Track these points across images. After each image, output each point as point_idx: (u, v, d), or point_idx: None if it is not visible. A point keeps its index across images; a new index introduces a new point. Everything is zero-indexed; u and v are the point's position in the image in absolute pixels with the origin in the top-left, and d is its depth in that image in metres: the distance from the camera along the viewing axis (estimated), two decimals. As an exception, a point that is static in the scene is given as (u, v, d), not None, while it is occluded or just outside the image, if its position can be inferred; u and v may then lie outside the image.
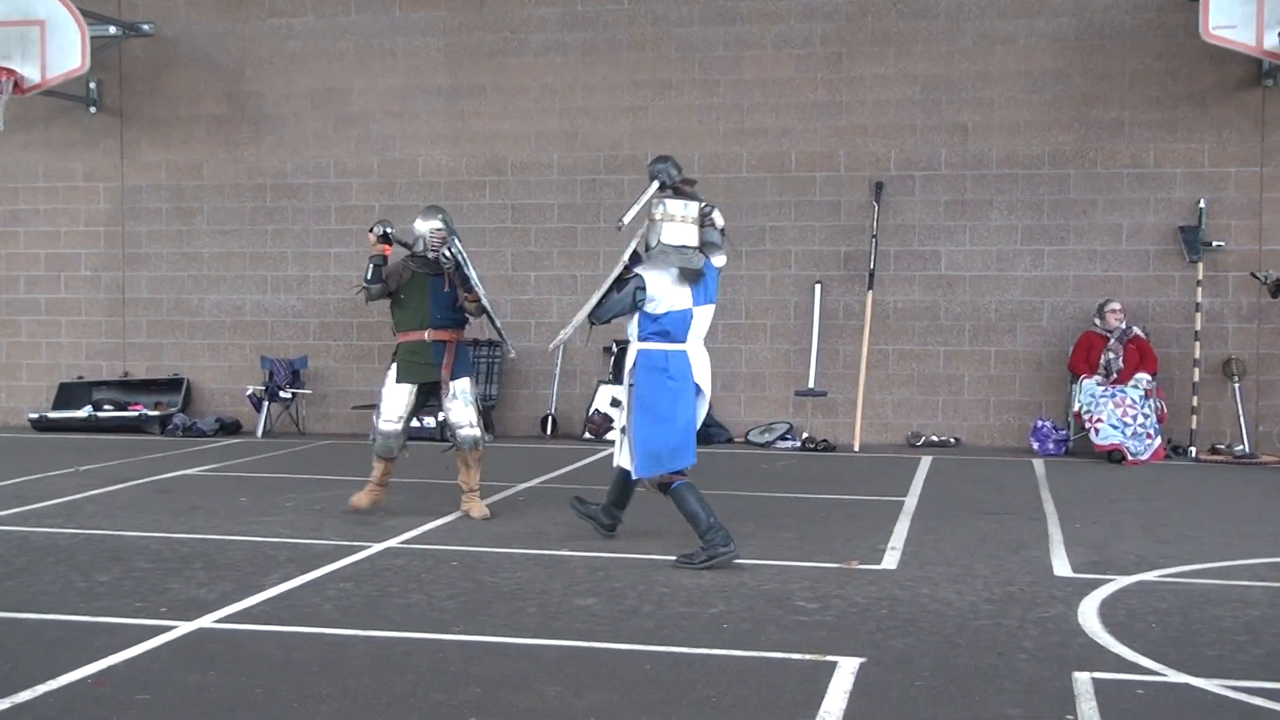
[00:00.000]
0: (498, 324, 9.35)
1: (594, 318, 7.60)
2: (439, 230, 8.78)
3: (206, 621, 6.02)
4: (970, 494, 10.13)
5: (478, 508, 8.90)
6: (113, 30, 14.38)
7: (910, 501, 9.67)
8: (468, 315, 8.97)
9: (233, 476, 10.90)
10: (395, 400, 8.85)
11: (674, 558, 7.35)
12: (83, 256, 15.04)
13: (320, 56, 14.49)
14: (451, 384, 8.79)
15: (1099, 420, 12.00)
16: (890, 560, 7.48)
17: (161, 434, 14.09)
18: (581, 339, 8.80)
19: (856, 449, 13.03)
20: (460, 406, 8.83)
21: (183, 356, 14.86)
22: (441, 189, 14.22)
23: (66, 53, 13.34)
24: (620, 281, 7.50)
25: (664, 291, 7.41)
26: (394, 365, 8.94)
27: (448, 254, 8.66)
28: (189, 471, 11.17)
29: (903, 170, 13.44)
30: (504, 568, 7.22)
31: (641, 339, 7.48)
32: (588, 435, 13.57)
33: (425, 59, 14.29)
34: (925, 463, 11.97)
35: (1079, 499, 9.85)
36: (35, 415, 14.53)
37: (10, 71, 13.32)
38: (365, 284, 8.91)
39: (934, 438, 13.28)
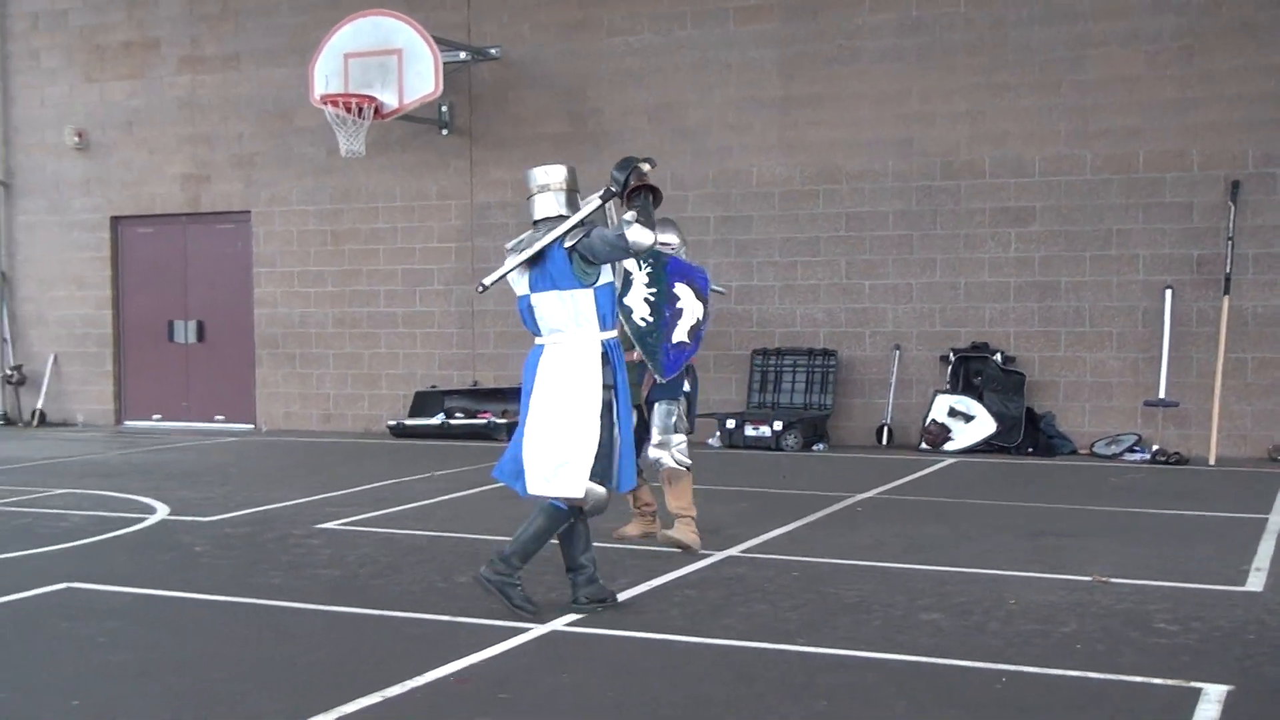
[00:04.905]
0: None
1: None
2: (665, 248, 8.28)
3: (558, 625, 6.22)
4: (1342, 512, 9.47)
5: (672, 531, 8.04)
6: (463, 56, 15.10)
7: (1275, 519, 9.09)
8: None
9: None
10: None
11: (1022, 573, 7.17)
12: (435, 272, 15.82)
13: (657, 72, 14.80)
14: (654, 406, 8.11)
15: None
16: (1255, 582, 7.06)
17: (508, 441, 14.61)
18: None
19: (1212, 462, 12.36)
20: (655, 430, 8.08)
21: (527, 366, 15.40)
22: (775, 199, 14.30)
23: (422, 79, 14.13)
24: None
25: (514, 277, 6.58)
26: None
27: None
28: (535, 478, 11.56)
29: (1262, 168, 12.68)
30: (845, 579, 7.19)
31: None
32: (924, 445, 13.35)
33: (759, 70, 14.40)
34: (1289, 478, 11.27)
35: None
36: (393, 422, 15.38)
37: (371, 99, 14.18)
38: None
39: (1298, 451, 12.49)
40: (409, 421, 15.32)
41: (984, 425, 13.20)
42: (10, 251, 17.80)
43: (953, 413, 13.33)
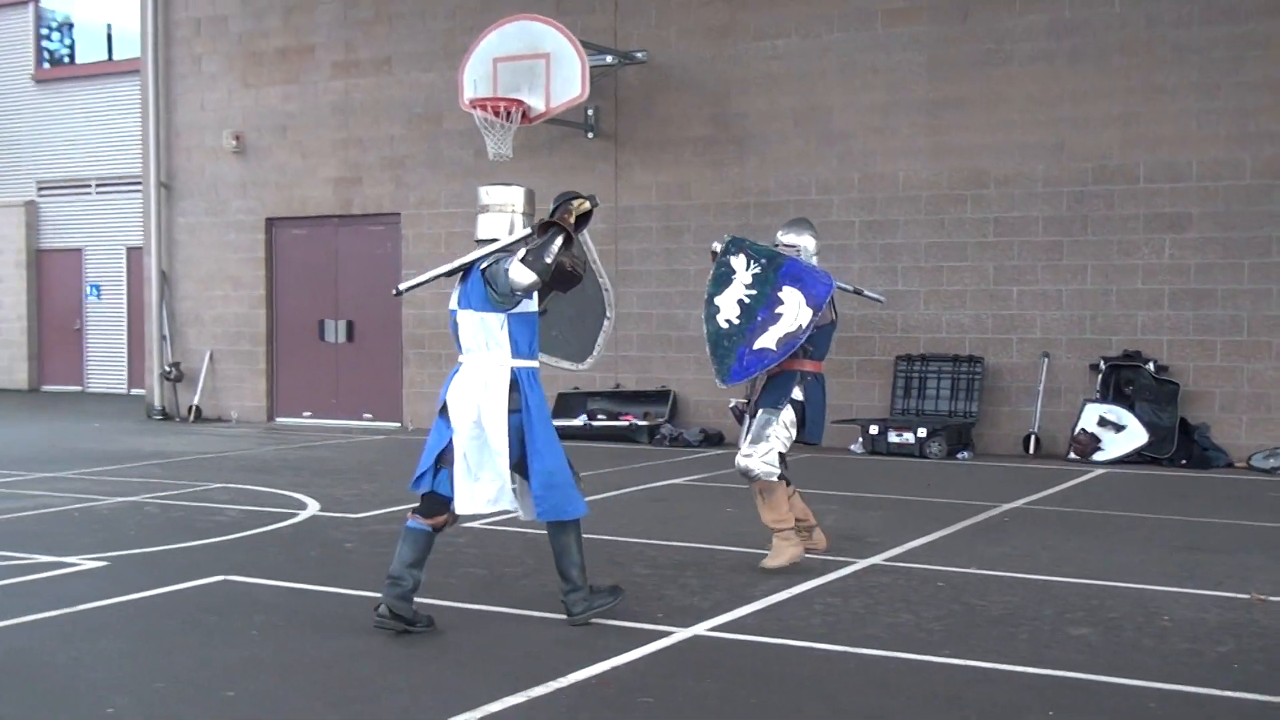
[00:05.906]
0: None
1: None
2: (790, 249, 7.99)
3: (701, 629, 6.23)
4: None
5: (769, 560, 7.69)
6: (609, 60, 15.19)
7: None
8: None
9: (719, 487, 11.22)
10: (744, 431, 8.08)
11: (1175, 589, 6.99)
12: (579, 274, 15.90)
13: (803, 76, 14.73)
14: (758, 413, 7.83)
15: None
16: None
17: (649, 443, 14.71)
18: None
19: (1377, 478, 11.94)
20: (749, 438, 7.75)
21: (669, 369, 15.47)
22: (922, 203, 14.14)
23: (569, 83, 14.22)
24: None
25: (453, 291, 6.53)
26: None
27: None
28: (677, 481, 11.61)
29: None
30: (992, 591, 7.08)
31: None
32: (1073, 455, 13.08)
33: (907, 73, 14.25)
34: None
35: None
36: (536, 423, 15.50)
37: (519, 102, 14.33)
38: None
39: None
40: (553, 423, 15.40)
41: (1135, 436, 12.89)
42: (170, 252, 18.37)
43: (1103, 422, 13.05)
